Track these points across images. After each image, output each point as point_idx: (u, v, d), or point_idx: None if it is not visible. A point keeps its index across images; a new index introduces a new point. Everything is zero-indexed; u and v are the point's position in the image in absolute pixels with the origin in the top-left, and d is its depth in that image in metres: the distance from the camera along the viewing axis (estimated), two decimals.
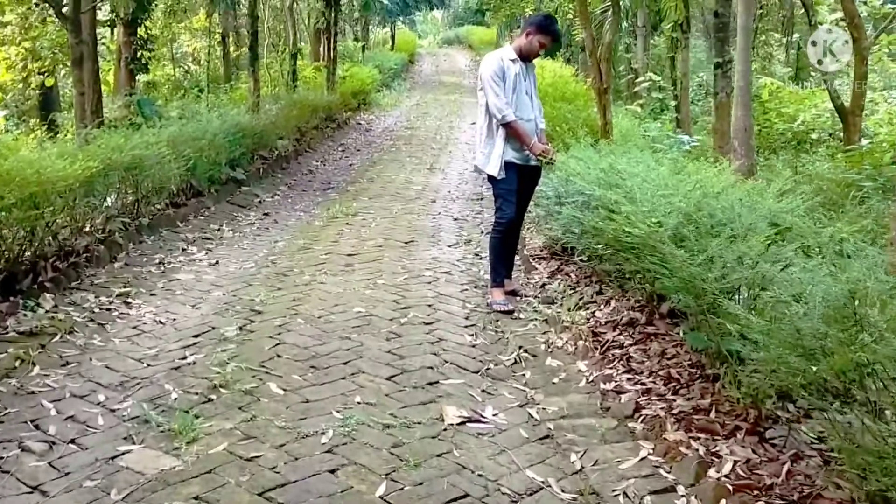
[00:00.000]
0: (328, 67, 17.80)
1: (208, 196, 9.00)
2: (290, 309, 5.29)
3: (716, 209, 4.12)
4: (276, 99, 14.57)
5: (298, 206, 9.37)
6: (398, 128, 17.08)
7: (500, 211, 5.57)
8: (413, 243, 7.43)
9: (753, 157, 10.67)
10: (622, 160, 5.42)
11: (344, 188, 10.52)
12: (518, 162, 5.49)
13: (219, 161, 9.42)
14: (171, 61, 21.58)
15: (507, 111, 5.32)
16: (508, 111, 5.33)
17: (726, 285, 3.46)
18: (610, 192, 4.73)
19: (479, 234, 7.89)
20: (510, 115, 5.33)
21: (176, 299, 5.63)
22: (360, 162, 12.80)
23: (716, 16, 7.62)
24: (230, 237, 7.74)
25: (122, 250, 6.68)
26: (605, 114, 8.56)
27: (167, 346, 4.67)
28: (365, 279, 6.09)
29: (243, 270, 6.42)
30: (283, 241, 7.49)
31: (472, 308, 5.52)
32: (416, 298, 5.63)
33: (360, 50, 27.15)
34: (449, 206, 9.46)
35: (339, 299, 5.54)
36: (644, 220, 4.00)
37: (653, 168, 4.98)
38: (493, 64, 5.42)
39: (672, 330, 4.65)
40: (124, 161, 6.81)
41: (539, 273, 6.30)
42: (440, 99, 22.77)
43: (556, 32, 5.51)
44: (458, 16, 52.44)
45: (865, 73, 10.92)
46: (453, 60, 36.94)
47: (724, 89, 7.65)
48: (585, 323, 4.96)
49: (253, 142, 11.03)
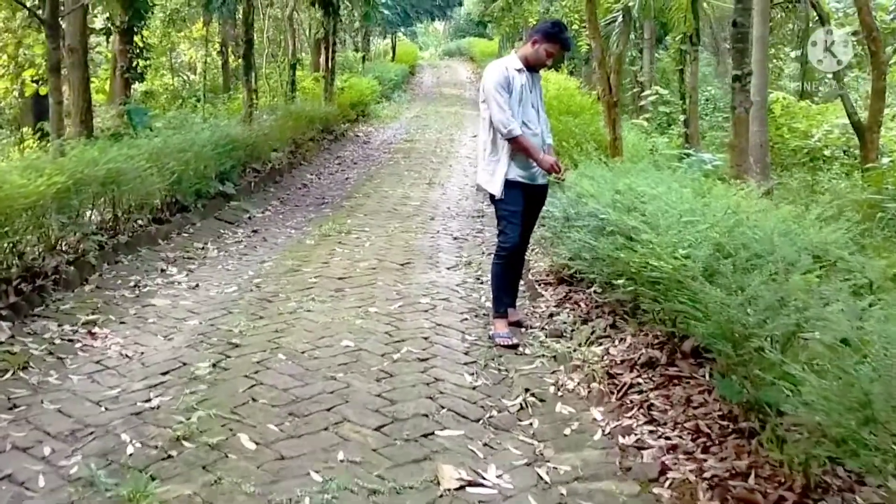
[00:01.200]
0: (326, 78, 17.36)
1: (194, 211, 8.51)
2: (271, 342, 4.78)
3: (750, 239, 3.62)
4: (273, 109, 14.13)
5: (290, 223, 8.87)
6: (397, 140, 16.61)
7: (504, 235, 5.07)
8: (409, 265, 6.93)
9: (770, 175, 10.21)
10: (640, 180, 4.93)
11: (338, 204, 10.03)
12: (524, 181, 5.00)
13: (207, 174, 8.94)
14: (170, 70, 21.26)
15: (513, 125, 4.83)
16: (514, 125, 4.84)
17: (772, 332, 2.96)
18: (628, 217, 4.24)
19: (481, 256, 7.40)
20: (516, 129, 4.84)
21: (147, 328, 5.12)
22: (357, 176, 12.32)
23: (734, 25, 7.13)
24: (214, 257, 7.23)
25: (94, 271, 6.18)
26: (615, 128, 8.10)
27: (131, 385, 4.16)
28: (356, 307, 5.59)
29: (224, 295, 5.91)
30: (271, 262, 6.99)
31: (472, 341, 5.02)
32: (410, 330, 5.12)
33: (361, 61, 26.76)
34: (448, 223, 8.97)
35: (326, 330, 5.03)
36: (671, 252, 3.51)
37: (675, 190, 4.48)
38: (496, 74, 4.93)
39: (697, 372, 4.14)
40: (99, 175, 6.32)
41: (545, 301, 5.80)
42: (441, 111, 22.32)
43: (564, 40, 5.01)
44: (459, 27, 52.16)
45: (884, 89, 10.47)
46: (454, 72, 36.59)
47: (743, 104, 7.15)
48: (599, 361, 4.45)
49: (245, 154, 10.56)
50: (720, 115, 16.15)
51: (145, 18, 15.22)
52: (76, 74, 11.49)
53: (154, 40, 18.83)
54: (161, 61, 20.69)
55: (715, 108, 16.15)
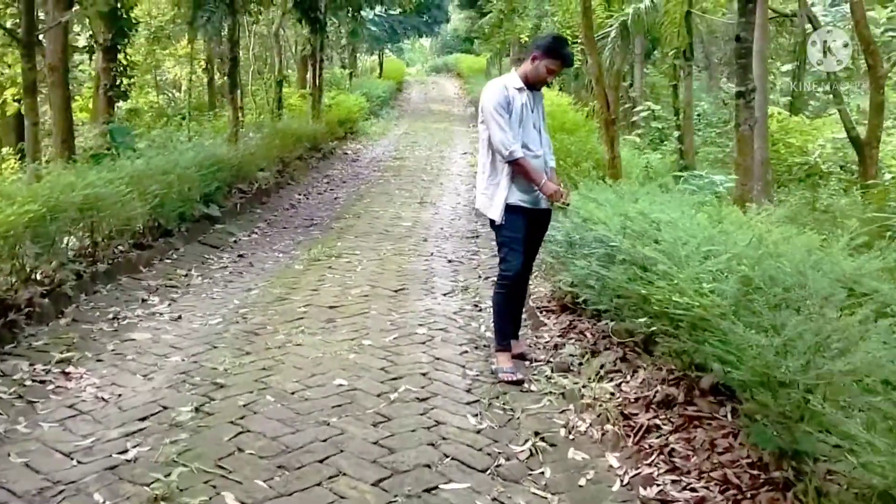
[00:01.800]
0: (313, 95, 17.08)
1: (178, 236, 8.18)
2: (258, 381, 4.46)
3: (779, 271, 3.33)
4: (259, 127, 13.83)
5: (277, 246, 8.54)
6: (386, 158, 16.32)
7: (505, 262, 4.77)
8: (403, 291, 6.62)
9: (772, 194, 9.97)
10: (651, 205, 4.65)
11: (328, 225, 9.71)
12: (526, 205, 4.71)
13: (191, 197, 8.62)
14: (155, 88, 20.99)
15: (515, 146, 4.55)
16: (516, 146, 4.55)
17: (817, 381, 2.67)
18: (641, 245, 3.95)
19: (477, 280, 7.10)
20: (518, 152, 4.55)
21: (126, 367, 4.78)
22: (346, 195, 12.01)
23: (737, 40, 6.88)
24: (198, 284, 6.90)
25: (71, 303, 5.85)
26: (614, 147, 7.85)
27: (106, 433, 3.82)
28: (348, 339, 5.27)
29: (209, 328, 5.58)
30: (258, 290, 6.66)
31: (474, 376, 4.71)
32: (407, 365, 4.81)
33: (348, 77, 26.53)
34: (442, 245, 8.67)
35: (318, 367, 4.71)
36: (695, 287, 3.22)
37: (689, 216, 4.19)
38: (496, 93, 4.65)
39: (718, 411, 3.85)
40: (75, 201, 5.99)
41: (549, 330, 5.49)
42: (430, 127, 22.08)
43: (566, 56, 4.72)
44: (446, 44, 52.10)
45: (882, 103, 10.27)
46: (442, 88, 36.44)
47: (748, 121, 6.89)
48: (611, 399, 4.14)
49: (231, 174, 10.25)
50: (713, 130, 15.98)
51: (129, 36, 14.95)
52: (57, 93, 11.14)
53: (139, 58, 18.57)
54: (146, 79, 20.43)
55: (708, 123, 15.95)
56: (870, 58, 9.62)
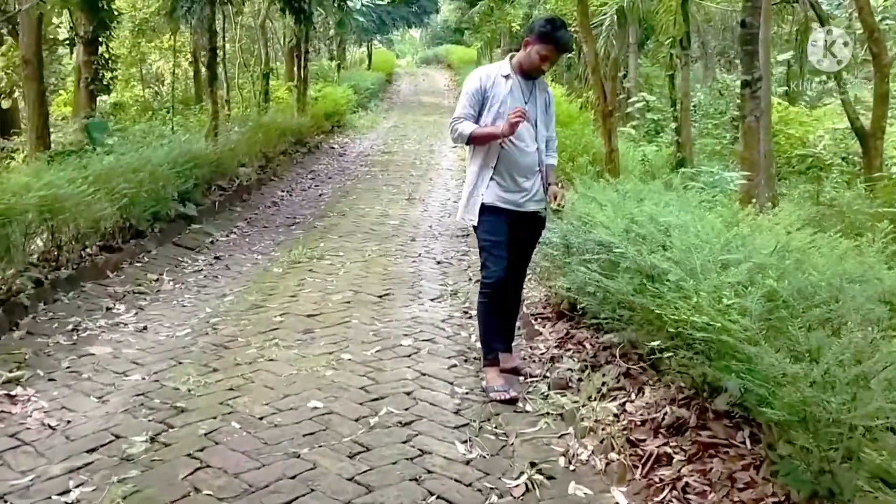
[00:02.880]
0: (298, 87, 16.60)
1: (150, 237, 7.72)
2: (223, 404, 4.02)
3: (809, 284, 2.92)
4: (245, 121, 13.36)
5: (256, 247, 8.09)
6: (374, 152, 15.86)
7: (485, 269, 4.34)
8: (388, 297, 6.19)
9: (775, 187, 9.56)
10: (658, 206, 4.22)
11: (311, 224, 9.26)
12: (505, 206, 4.26)
13: (165, 195, 8.15)
14: (141, 82, 20.53)
15: (462, 125, 4.18)
16: (463, 124, 4.18)
17: (865, 422, 2.26)
18: (648, 252, 3.53)
19: (468, 283, 6.67)
20: (465, 127, 4.17)
21: (80, 387, 4.33)
22: (332, 192, 11.55)
23: (743, 26, 6.46)
24: (169, 290, 6.45)
25: (26, 313, 5.39)
26: (611, 140, 7.43)
27: (49, 468, 3.38)
28: (326, 353, 4.83)
29: (175, 340, 5.14)
30: (232, 296, 6.22)
31: (462, 395, 4.28)
32: (391, 383, 4.37)
33: (336, 69, 26.00)
34: (430, 245, 8.24)
35: (291, 387, 4.27)
36: (714, 303, 2.80)
37: (702, 218, 3.77)
38: (473, 79, 4.30)
39: (734, 436, 3.43)
40: (30, 203, 5.53)
41: (544, 340, 5.07)
42: (419, 120, 21.61)
43: (559, 39, 4.19)
44: (436, 35, 51.49)
45: (887, 93, 9.87)
46: (432, 80, 35.92)
47: (754, 112, 6.47)
48: (615, 422, 3.73)
49: (209, 171, 9.79)
50: (709, 121, 15.55)
51: (111, 28, 14.48)
52: (31, 87, 10.67)
53: (123, 51, 18.17)
54: (131, 73, 19.98)
55: (704, 114, 15.52)
56: (874, 45, 9.22)
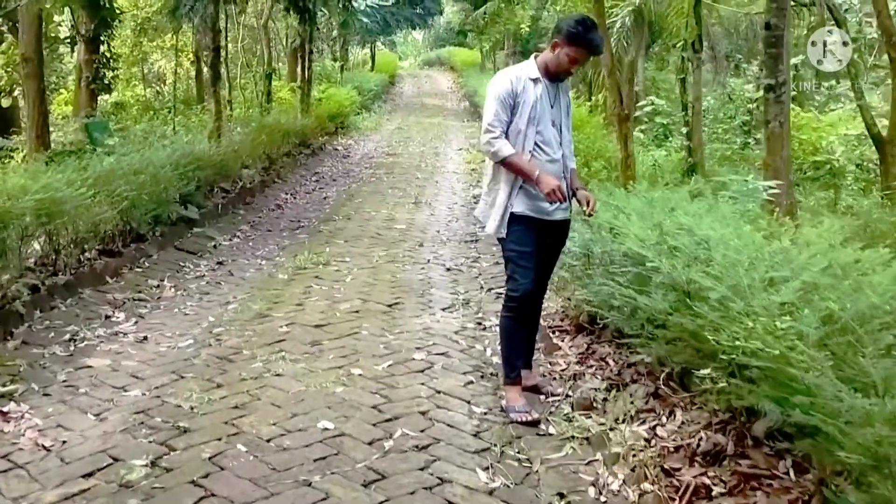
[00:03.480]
0: (302, 88, 16.38)
1: (151, 241, 7.48)
2: (228, 424, 3.78)
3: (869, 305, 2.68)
4: (247, 122, 13.14)
5: (260, 252, 7.86)
6: (379, 154, 15.63)
7: (512, 281, 4.07)
8: (398, 306, 5.96)
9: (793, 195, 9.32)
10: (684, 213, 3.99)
11: (316, 228, 9.03)
12: (534, 215, 4.03)
13: (167, 198, 7.92)
14: (142, 81, 20.36)
15: (500, 145, 3.90)
16: (501, 144, 3.90)
17: None
18: (682, 265, 3.30)
19: (479, 292, 6.44)
20: (505, 149, 3.90)
21: (76, 403, 4.10)
22: (336, 194, 11.32)
23: (767, 28, 6.23)
24: (170, 297, 6.22)
25: (22, 322, 5.17)
26: (627, 145, 7.20)
27: (42, 496, 3.14)
28: (335, 367, 4.60)
29: (177, 352, 4.90)
30: (236, 304, 5.98)
31: (481, 415, 4.04)
32: (404, 402, 4.14)
33: (339, 70, 25.78)
34: (439, 250, 8.01)
35: (299, 405, 4.04)
36: (767, 326, 2.57)
37: (740, 231, 3.54)
38: (499, 84, 3.99)
39: (776, 466, 3.20)
40: (27, 207, 5.30)
41: (564, 356, 4.84)
42: (423, 122, 21.39)
43: (591, 42, 3.99)
44: (439, 37, 51.31)
45: None
46: (435, 82, 35.78)
47: (778, 117, 6.26)
48: (646, 448, 3.49)
49: (212, 173, 9.57)
50: (719, 126, 15.34)
51: (112, 27, 14.31)
52: (31, 85, 10.48)
53: (125, 50, 18.03)
54: (133, 72, 19.82)
55: (714, 119, 15.30)
56: (892, 50, 8.98)
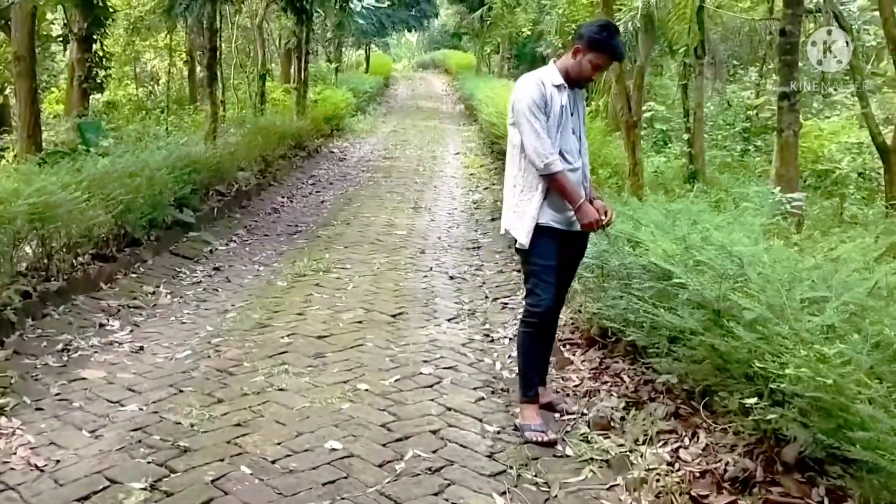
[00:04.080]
0: (298, 90, 16.19)
1: (146, 245, 7.29)
2: (231, 443, 3.60)
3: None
4: (241, 123, 12.95)
5: (258, 257, 7.68)
6: (375, 157, 15.46)
7: (534, 296, 3.91)
8: (402, 316, 5.79)
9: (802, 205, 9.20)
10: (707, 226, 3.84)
11: (314, 232, 8.85)
12: (559, 226, 3.88)
13: (162, 201, 7.72)
14: (135, 81, 20.20)
15: (553, 159, 3.73)
16: (554, 159, 3.73)
17: None
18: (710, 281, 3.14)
19: (484, 301, 6.28)
20: (556, 164, 3.74)
21: (71, 418, 3.91)
22: (334, 198, 11.14)
23: (782, 34, 6.12)
24: (167, 304, 6.03)
25: (14, 330, 4.97)
26: (635, 153, 7.05)
27: None
28: (341, 381, 4.42)
29: (175, 363, 4.72)
30: (235, 312, 5.80)
31: (494, 434, 3.88)
32: (414, 419, 3.97)
33: (334, 72, 25.58)
34: (441, 257, 7.84)
35: (305, 422, 3.86)
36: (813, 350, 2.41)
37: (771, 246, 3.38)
38: (531, 90, 3.81)
39: (810, 494, 3.05)
40: (19, 211, 5.11)
41: (576, 370, 4.68)
42: (419, 125, 21.22)
43: (615, 49, 3.86)
44: (433, 39, 51.18)
45: None
46: (430, 85, 35.64)
47: (792, 126, 6.15)
48: (670, 472, 3.33)
49: (208, 175, 9.38)
50: (718, 133, 15.24)
51: (105, 25, 14.12)
52: (23, 84, 10.31)
53: (118, 49, 17.87)
54: (125, 71, 19.65)
55: (714, 125, 15.19)
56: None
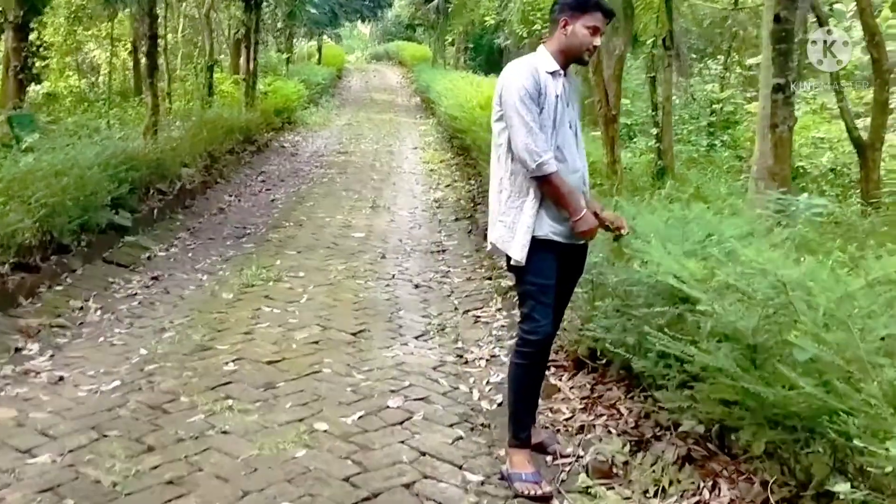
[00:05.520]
0: (247, 81, 15.39)
1: (76, 252, 6.52)
2: None
3: None
4: (187, 116, 12.16)
5: (201, 264, 6.96)
6: (329, 152, 14.73)
7: (531, 321, 3.27)
8: (364, 334, 5.16)
9: None
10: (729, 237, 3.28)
11: (264, 235, 8.15)
12: (560, 239, 3.28)
13: (95, 203, 6.96)
14: (77, 71, 19.27)
15: (547, 157, 3.12)
16: (548, 156, 3.12)
17: None
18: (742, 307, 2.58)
19: (453, 314, 5.70)
20: (551, 164, 3.13)
21: None
22: (285, 197, 10.42)
23: (776, 21, 5.59)
24: (96, 322, 5.32)
25: None
26: (614, 149, 6.53)
27: None
28: (295, 420, 3.78)
29: (99, 398, 4.03)
30: (173, 330, 5.11)
31: (478, 485, 3.27)
32: (383, 470, 3.34)
33: (285, 63, 24.70)
34: (404, 263, 7.22)
35: (252, 478, 3.21)
36: None
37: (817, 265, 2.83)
38: (523, 78, 3.17)
39: None
40: None
41: (565, 400, 4.10)
42: (374, 118, 20.52)
43: (604, 4, 3.24)
44: (387, 30, 50.31)
45: (887, 101, 9.21)
46: (384, 76, 34.94)
47: (787, 121, 5.63)
48: None
49: (148, 173, 8.62)
50: (684, 127, 14.87)
51: (43, 13, 13.23)
52: None
53: (59, 38, 17.00)
54: (67, 61, 18.73)
55: (679, 119, 14.81)
56: (874, 50, 8.53)
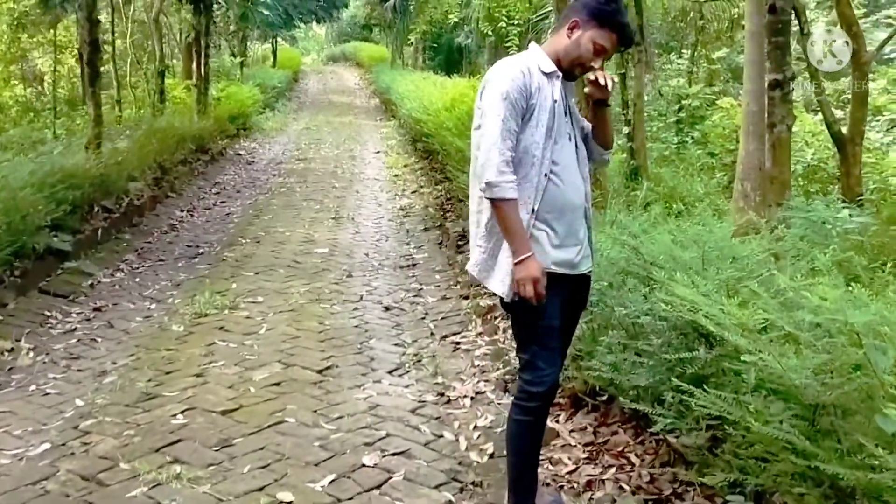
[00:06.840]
0: (199, 86, 14.68)
1: (8, 284, 5.87)
2: None
3: None
4: (137, 125, 11.47)
5: (150, 291, 6.34)
6: (288, 159, 14.09)
7: (534, 370, 2.74)
8: (331, 371, 4.60)
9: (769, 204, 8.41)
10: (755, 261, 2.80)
11: (219, 255, 7.52)
12: (560, 270, 2.74)
13: (29, 226, 6.31)
14: (22, 80, 18.50)
15: (508, 179, 2.59)
16: (507, 177, 2.59)
17: None
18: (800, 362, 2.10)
19: (429, 340, 5.17)
20: (507, 188, 2.59)
21: None
22: (242, 210, 9.78)
23: (772, 11, 5.16)
24: (27, 367, 4.69)
25: None
26: None
27: None
28: (254, 489, 3.21)
29: (24, 466, 3.43)
30: (115, 374, 4.51)
31: None
32: None
33: (239, 67, 23.94)
34: (372, 281, 6.67)
35: None
36: None
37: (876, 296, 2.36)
38: (510, 79, 2.65)
39: None
40: None
41: (566, 447, 3.59)
42: (333, 122, 19.88)
43: (625, 28, 2.75)
44: (343, 31, 49.55)
45: (866, 93, 8.88)
46: (341, 78, 34.26)
47: (786, 119, 5.21)
48: None
49: (91, 189, 7.93)
50: (653, 124, 14.52)
51: None
52: None
53: (2, 47, 16.41)
54: (11, 70, 17.98)
55: (649, 116, 14.44)
56: (853, 41, 8.18)
